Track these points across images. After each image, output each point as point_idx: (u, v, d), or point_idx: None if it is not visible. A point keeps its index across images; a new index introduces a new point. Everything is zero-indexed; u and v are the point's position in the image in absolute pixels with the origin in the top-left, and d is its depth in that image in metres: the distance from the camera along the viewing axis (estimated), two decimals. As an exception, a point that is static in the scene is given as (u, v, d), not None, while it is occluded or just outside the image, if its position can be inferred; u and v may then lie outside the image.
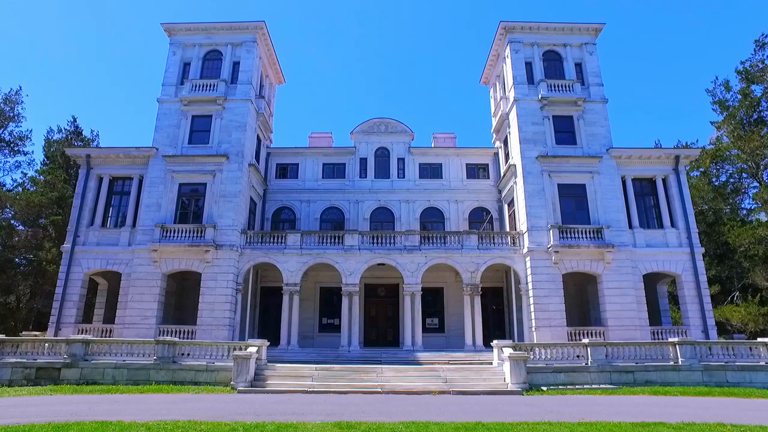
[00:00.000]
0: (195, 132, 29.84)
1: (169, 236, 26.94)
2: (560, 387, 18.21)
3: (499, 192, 33.42)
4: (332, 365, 20.18)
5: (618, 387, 18.17)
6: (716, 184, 41.01)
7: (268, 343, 20.72)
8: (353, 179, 34.10)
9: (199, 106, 30.03)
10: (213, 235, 26.89)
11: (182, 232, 27.04)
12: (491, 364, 21.03)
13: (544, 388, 17.87)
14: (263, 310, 31.13)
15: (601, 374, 19.17)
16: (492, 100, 36.89)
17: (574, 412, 12.42)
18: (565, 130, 29.79)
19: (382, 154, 34.82)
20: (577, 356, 19.89)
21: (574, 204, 28.25)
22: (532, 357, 19.22)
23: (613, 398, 15.80)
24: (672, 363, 19.55)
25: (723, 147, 38.81)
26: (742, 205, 43.64)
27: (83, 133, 38.88)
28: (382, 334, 31.56)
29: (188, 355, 19.79)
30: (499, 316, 31.70)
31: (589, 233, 26.95)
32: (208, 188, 28.28)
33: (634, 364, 19.54)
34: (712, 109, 41.07)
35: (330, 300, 31.02)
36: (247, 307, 27.78)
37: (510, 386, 17.69)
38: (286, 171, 34.65)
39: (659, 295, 30.66)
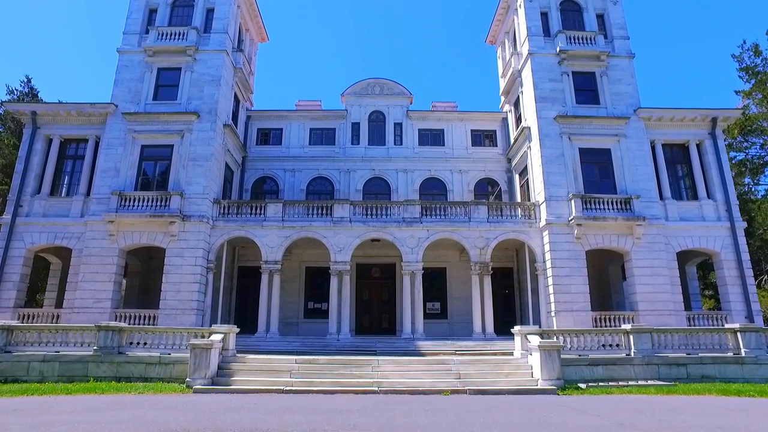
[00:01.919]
0: (161, 87, 25.69)
1: (128, 205, 22.96)
2: (600, 384, 14.65)
3: (509, 161, 29.69)
4: (317, 357, 16.47)
5: (671, 384, 14.63)
6: (741, 158, 37.55)
7: (238, 330, 16.97)
8: (344, 146, 30.17)
9: (166, 57, 25.85)
10: (180, 205, 22.93)
11: (143, 201, 23.05)
12: (511, 354, 17.42)
13: (582, 386, 14.30)
14: (241, 293, 27.30)
15: (647, 368, 15.64)
16: (500, 60, 32.98)
17: (653, 424, 8.80)
18: (586, 89, 26.02)
19: (377, 119, 30.90)
20: (617, 345, 16.34)
21: (597, 171, 24.59)
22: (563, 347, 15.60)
23: (677, 400, 12.25)
24: (732, 354, 16.06)
25: (752, 117, 35.27)
26: (761, 182, 40.34)
27: (39, 95, 34.59)
28: (376, 321, 27.93)
29: (139, 344, 15.99)
30: (507, 301, 28.11)
31: (616, 204, 23.34)
32: (175, 151, 24.25)
33: (685, 355, 16.04)
34: (739, 77, 37.40)
35: (317, 282, 27.27)
36: (221, 289, 23.89)
37: (540, 383, 14.09)
38: (269, 136, 30.64)
39: (689, 277, 27.30)
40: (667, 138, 25.44)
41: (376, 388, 13.51)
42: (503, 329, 24.67)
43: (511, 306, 27.83)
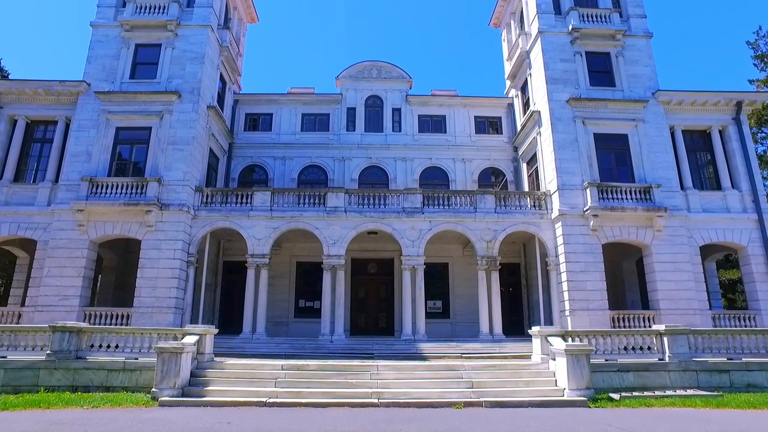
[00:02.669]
0: (139, 65, 23.56)
1: (100, 193, 20.79)
2: (634, 394, 12.68)
3: (515, 150, 27.72)
4: (307, 362, 14.40)
5: (716, 394, 12.67)
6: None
7: (216, 331, 14.86)
8: (339, 132, 28.09)
9: (144, 32, 23.69)
10: (157, 192, 20.79)
11: (117, 188, 20.88)
12: (528, 358, 15.46)
13: (615, 396, 12.32)
14: (226, 290, 25.17)
15: (684, 374, 13.71)
16: (505, 44, 31.01)
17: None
18: (600, 70, 24.12)
19: (374, 104, 28.84)
20: (648, 348, 14.39)
21: (614, 158, 22.70)
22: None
23: (736, 416, 10.30)
24: (779, 359, 14.17)
25: (768, 106, 33.48)
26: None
27: (10, 77, 32.29)
28: (373, 320, 25.90)
29: (101, 347, 13.86)
30: (513, 299, 26.11)
31: (635, 193, 21.44)
32: (154, 134, 22.10)
33: (726, 360, 14.12)
34: (754, 65, 35.76)
35: (309, 278, 25.23)
36: (202, 285, 21.73)
37: (567, 394, 12.10)
38: (258, 122, 28.50)
39: (708, 273, 25.38)
40: (688, 123, 23.58)
41: (376, 400, 11.48)
42: (510, 329, 22.82)
43: (517, 305, 25.86)
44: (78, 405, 10.75)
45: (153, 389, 11.83)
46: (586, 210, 20.95)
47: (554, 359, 13.34)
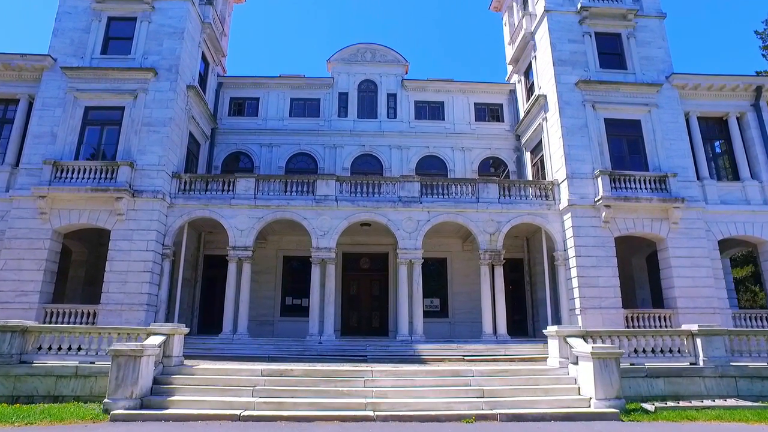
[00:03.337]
0: (112, 39, 21.57)
1: (65, 177, 18.78)
2: (669, 404, 10.98)
3: (518, 138, 26.05)
4: (292, 366, 12.57)
5: (764, 405, 11.01)
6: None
7: (187, 330, 12.90)
8: (330, 118, 26.23)
9: (118, 4, 21.71)
10: (129, 177, 18.83)
11: (84, 173, 18.88)
12: (543, 362, 13.73)
13: (648, 407, 10.61)
14: (207, 286, 23.21)
15: (721, 381, 12.05)
16: (506, 27, 29.33)
17: None
18: (611, 52, 22.54)
19: (368, 89, 27.03)
20: (678, 351, 12.73)
21: (626, 145, 21.13)
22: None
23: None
24: (827, 364, 12.56)
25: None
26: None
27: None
28: (365, 320, 24.07)
29: (51, 349, 11.93)
30: (515, 297, 24.29)
31: (650, 183, 19.85)
32: (127, 114, 20.15)
33: (766, 365, 12.51)
34: (762, 55, 34.56)
35: (297, 274, 23.37)
36: (179, 280, 19.75)
37: (594, 404, 10.36)
38: (243, 107, 26.57)
39: (722, 270, 23.90)
40: (703, 110, 22.07)
41: (371, 413, 9.69)
42: (513, 330, 21.08)
43: (520, 303, 24.09)
44: (7, 421, 8.84)
45: (105, 400, 9.91)
46: (598, 200, 19.32)
47: (576, 363, 11.61)
